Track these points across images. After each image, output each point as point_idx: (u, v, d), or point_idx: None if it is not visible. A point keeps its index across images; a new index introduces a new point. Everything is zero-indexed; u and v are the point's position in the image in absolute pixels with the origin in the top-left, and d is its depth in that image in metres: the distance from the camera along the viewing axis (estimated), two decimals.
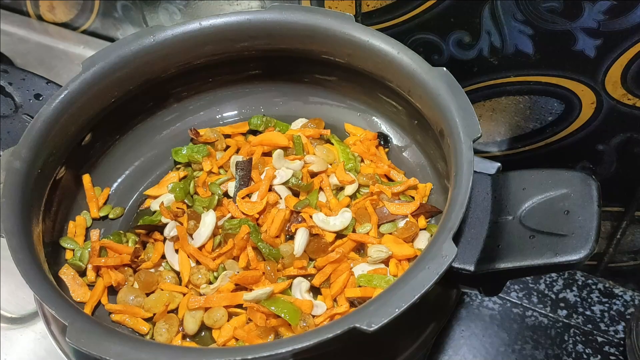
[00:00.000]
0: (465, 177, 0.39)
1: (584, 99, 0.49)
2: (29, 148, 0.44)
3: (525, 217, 0.40)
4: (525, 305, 0.58)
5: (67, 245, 0.49)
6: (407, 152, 0.54)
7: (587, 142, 0.52)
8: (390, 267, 0.46)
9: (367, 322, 0.33)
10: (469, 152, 0.40)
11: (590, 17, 0.44)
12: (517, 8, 0.46)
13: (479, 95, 0.54)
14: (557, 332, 0.56)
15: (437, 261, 0.35)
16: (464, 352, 0.55)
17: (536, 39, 0.47)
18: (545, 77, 0.50)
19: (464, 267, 0.39)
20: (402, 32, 0.52)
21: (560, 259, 0.38)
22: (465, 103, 0.42)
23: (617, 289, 0.59)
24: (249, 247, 0.47)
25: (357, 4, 0.52)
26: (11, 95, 0.53)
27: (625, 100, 0.48)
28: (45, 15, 0.76)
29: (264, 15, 0.50)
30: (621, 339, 0.56)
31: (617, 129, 0.50)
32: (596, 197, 0.40)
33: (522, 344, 0.56)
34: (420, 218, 0.48)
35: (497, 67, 0.51)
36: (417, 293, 0.34)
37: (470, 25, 0.49)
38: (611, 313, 0.57)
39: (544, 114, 0.52)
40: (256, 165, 0.51)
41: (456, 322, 0.57)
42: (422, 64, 0.45)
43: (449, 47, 0.52)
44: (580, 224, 0.39)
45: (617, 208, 0.56)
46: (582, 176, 0.41)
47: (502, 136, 0.56)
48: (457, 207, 0.37)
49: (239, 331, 0.43)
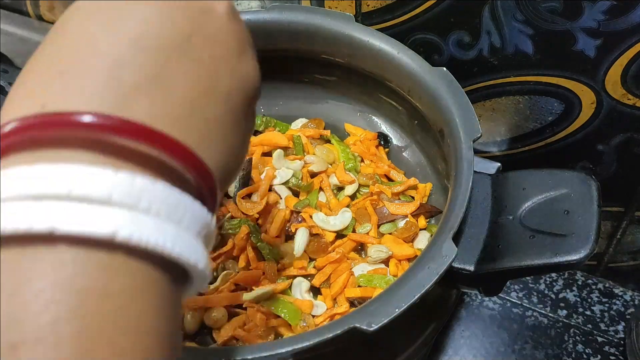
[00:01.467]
0: (465, 177, 0.39)
1: (584, 99, 0.49)
2: None
3: (525, 217, 0.40)
4: (525, 305, 0.58)
5: None
6: (407, 152, 0.54)
7: (587, 142, 0.52)
8: (390, 267, 0.46)
9: (367, 322, 0.33)
10: (469, 152, 0.40)
11: (590, 17, 0.44)
12: (517, 8, 0.46)
13: (479, 95, 0.54)
14: (557, 332, 0.56)
15: (437, 261, 0.35)
16: (464, 352, 0.55)
17: (536, 39, 0.47)
18: (545, 77, 0.50)
19: (464, 267, 0.39)
20: (402, 32, 0.52)
21: (560, 259, 0.38)
22: (465, 103, 0.42)
23: (617, 289, 0.59)
24: (249, 247, 0.47)
25: (357, 4, 0.52)
26: None
27: (625, 100, 0.48)
28: (45, 15, 0.76)
29: (264, 15, 0.50)
30: (621, 339, 0.56)
31: (617, 129, 0.50)
32: (596, 197, 0.40)
33: (522, 344, 0.56)
34: (420, 218, 0.48)
35: (497, 67, 0.51)
36: (417, 293, 0.34)
37: (470, 25, 0.49)
38: (611, 313, 0.57)
39: (544, 114, 0.52)
40: (256, 165, 0.51)
41: (456, 322, 0.57)
42: (422, 64, 0.45)
43: (449, 47, 0.52)
44: (580, 224, 0.39)
45: (617, 208, 0.56)
46: (582, 176, 0.41)
47: (502, 136, 0.56)
48: (457, 207, 0.37)
49: (239, 331, 0.43)
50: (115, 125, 0.19)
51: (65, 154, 0.19)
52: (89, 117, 0.19)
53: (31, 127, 0.19)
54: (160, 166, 0.21)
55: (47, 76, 0.21)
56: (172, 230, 0.20)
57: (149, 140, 0.20)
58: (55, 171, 0.19)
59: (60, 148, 0.19)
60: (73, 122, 0.19)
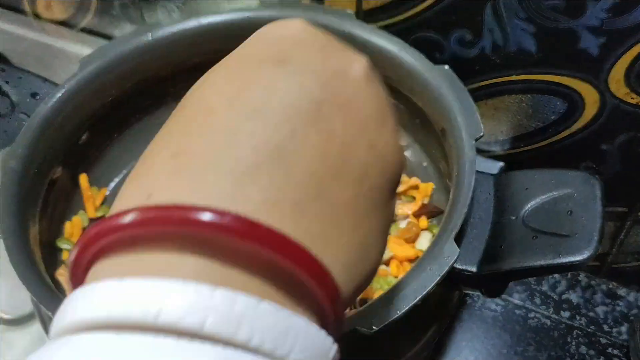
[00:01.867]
0: (467, 176, 0.38)
1: (587, 97, 0.49)
2: (25, 147, 0.44)
3: (528, 218, 0.40)
4: (527, 306, 0.58)
5: (63, 246, 0.48)
6: (408, 152, 0.54)
7: (591, 142, 0.52)
8: (392, 268, 0.46)
9: (368, 323, 0.33)
10: (471, 151, 0.39)
11: (593, 15, 0.44)
12: (519, 6, 0.46)
13: (481, 94, 0.54)
14: (560, 334, 0.56)
15: (439, 262, 0.35)
16: (466, 354, 0.55)
17: (539, 37, 0.47)
18: (548, 75, 0.49)
19: (466, 268, 0.38)
20: (403, 30, 0.52)
21: (563, 259, 0.37)
22: (468, 102, 0.42)
23: (621, 290, 0.59)
24: None
25: (357, 2, 0.52)
26: (7, 94, 0.53)
27: (628, 99, 0.48)
28: (42, 13, 0.75)
29: (264, 13, 0.49)
30: (625, 340, 0.55)
31: (620, 128, 0.50)
32: (600, 197, 0.39)
33: (524, 346, 0.55)
34: (421, 218, 0.48)
35: (499, 66, 0.51)
36: (418, 295, 0.34)
37: (472, 23, 0.49)
38: (615, 314, 0.57)
39: (547, 113, 0.52)
40: None
41: (458, 323, 0.57)
42: (424, 62, 0.45)
43: (451, 45, 0.51)
44: (584, 225, 0.38)
45: (621, 208, 0.55)
46: (585, 176, 0.40)
47: (505, 135, 0.56)
48: (459, 207, 0.37)
49: None
50: (225, 223, 0.16)
51: (162, 261, 0.16)
52: (208, 214, 0.16)
53: (127, 227, 0.16)
54: (269, 277, 0.17)
55: (160, 159, 0.18)
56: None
57: (264, 244, 0.16)
58: (143, 290, 0.16)
59: (158, 252, 0.17)
60: (185, 218, 0.16)
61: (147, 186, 0.18)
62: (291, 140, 0.18)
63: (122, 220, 0.16)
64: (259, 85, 0.19)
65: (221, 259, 0.16)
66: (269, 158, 0.18)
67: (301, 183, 0.18)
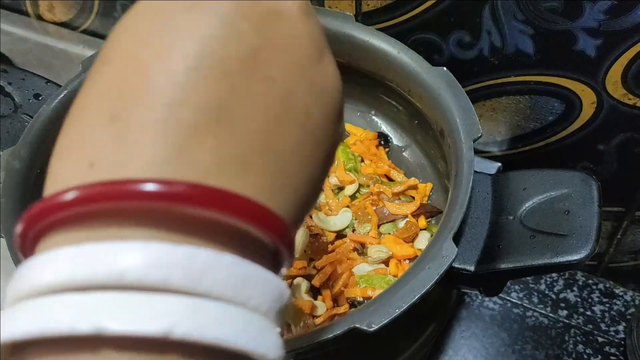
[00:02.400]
0: (465, 177, 0.38)
1: (584, 98, 0.49)
2: (28, 148, 0.44)
3: (526, 217, 0.40)
4: (525, 305, 0.58)
5: None
6: (407, 152, 0.54)
7: (588, 142, 0.52)
8: (391, 267, 0.46)
9: (367, 322, 0.33)
10: (470, 152, 0.40)
11: (590, 17, 0.44)
12: (517, 8, 0.46)
13: (479, 95, 0.54)
14: (557, 333, 0.56)
15: (438, 261, 0.35)
16: (464, 353, 0.55)
17: (537, 38, 0.47)
18: (546, 77, 0.49)
19: (465, 267, 0.39)
20: (402, 32, 0.52)
21: (560, 259, 0.38)
22: (466, 103, 0.42)
23: (618, 289, 0.59)
24: None
25: (357, 4, 0.52)
26: (10, 95, 0.53)
27: (625, 100, 0.48)
28: (44, 14, 0.76)
29: None
30: (622, 339, 0.56)
31: (617, 129, 0.50)
32: (597, 197, 0.40)
33: (522, 344, 0.56)
34: (420, 218, 0.48)
35: (497, 67, 0.51)
36: (417, 293, 0.34)
37: (470, 25, 0.49)
38: (612, 313, 0.57)
39: (545, 114, 0.52)
40: None
41: (456, 322, 0.57)
42: (423, 63, 0.45)
43: (449, 47, 0.52)
44: (581, 224, 0.39)
45: (618, 208, 0.56)
46: (582, 176, 0.41)
47: (503, 136, 0.56)
48: (457, 207, 0.37)
49: None
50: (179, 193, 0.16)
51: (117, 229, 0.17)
52: (152, 185, 0.16)
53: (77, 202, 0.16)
54: (228, 232, 0.17)
55: (96, 122, 0.18)
56: (237, 316, 0.17)
57: (221, 207, 0.17)
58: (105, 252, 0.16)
59: (110, 222, 0.17)
60: (131, 192, 0.16)
61: (88, 154, 0.17)
62: (232, 95, 0.18)
63: (64, 198, 0.16)
64: (194, 38, 0.18)
65: (176, 223, 0.17)
66: (212, 118, 0.17)
67: (247, 139, 0.18)
